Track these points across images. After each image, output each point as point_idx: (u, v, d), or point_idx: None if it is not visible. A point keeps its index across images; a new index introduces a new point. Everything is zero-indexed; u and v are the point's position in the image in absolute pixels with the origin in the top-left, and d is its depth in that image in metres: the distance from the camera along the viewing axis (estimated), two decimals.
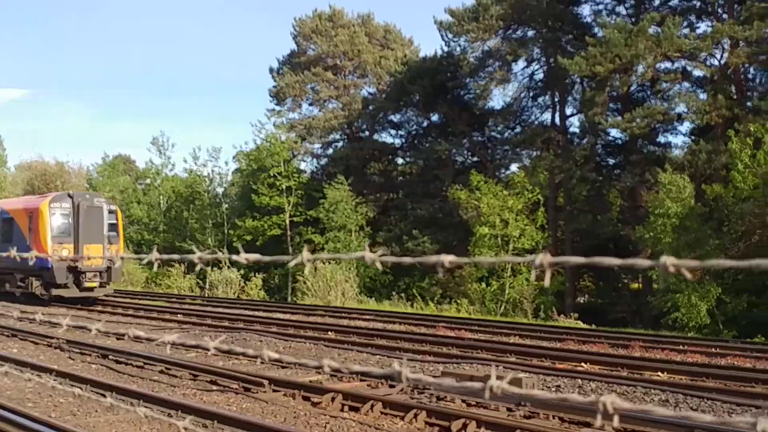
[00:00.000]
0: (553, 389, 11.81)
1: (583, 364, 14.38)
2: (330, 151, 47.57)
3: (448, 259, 1.92)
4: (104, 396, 10.59)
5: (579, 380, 12.19)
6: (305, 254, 2.27)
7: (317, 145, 47.52)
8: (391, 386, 11.15)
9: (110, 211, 26.09)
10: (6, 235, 26.80)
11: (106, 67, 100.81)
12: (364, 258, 2.08)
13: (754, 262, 1.46)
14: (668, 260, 1.47)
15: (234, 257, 2.53)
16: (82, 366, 13.62)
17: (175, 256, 3.08)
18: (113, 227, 26.15)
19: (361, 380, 11.66)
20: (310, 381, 11.41)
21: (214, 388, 11.47)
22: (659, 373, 13.31)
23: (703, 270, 25.32)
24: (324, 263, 30.74)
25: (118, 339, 16.18)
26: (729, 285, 25.22)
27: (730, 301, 25.14)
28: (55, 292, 25.18)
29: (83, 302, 25.86)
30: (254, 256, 2.48)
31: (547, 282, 1.75)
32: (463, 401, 10.26)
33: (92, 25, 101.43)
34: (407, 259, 2.18)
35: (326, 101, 46.53)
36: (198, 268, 2.59)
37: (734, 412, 10.22)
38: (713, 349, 16.87)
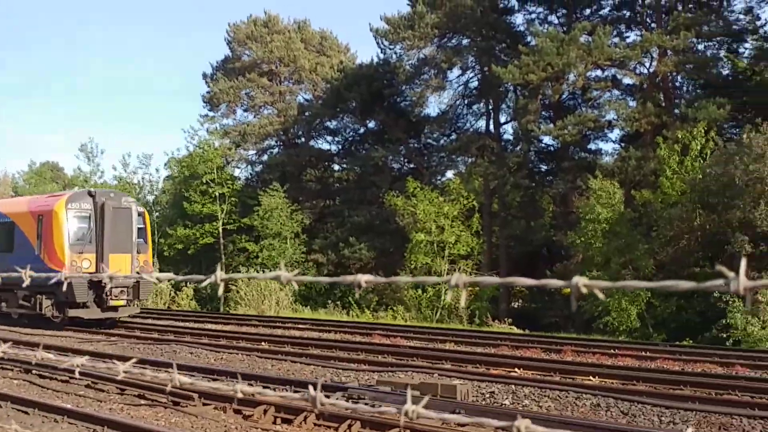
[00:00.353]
0: (488, 395, 11.89)
1: (516, 369, 14.54)
2: (265, 157, 47.12)
3: (364, 278, 1.90)
4: (26, 413, 10.24)
5: (513, 386, 12.30)
6: (218, 273, 2.20)
7: (252, 152, 47.08)
8: (326, 396, 11.02)
9: (139, 214, 22.27)
10: (4, 243, 22.71)
11: (32, 71, 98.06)
12: (280, 278, 2.02)
13: (666, 283, 1.45)
14: (580, 281, 1.47)
15: (145, 277, 2.44)
16: (3, 381, 13.13)
17: (87, 275, 2.95)
18: (142, 233, 22.29)
19: (295, 390, 11.51)
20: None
21: (143, 402, 11.19)
22: (591, 378, 13.55)
23: (631, 275, 25.91)
24: (258, 271, 30.39)
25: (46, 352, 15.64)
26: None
27: (660, 304, 25.72)
28: (71, 312, 21.13)
29: (103, 325, 22.19)
30: (166, 275, 2.40)
31: (462, 302, 1.71)
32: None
33: (22, 26, 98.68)
34: (324, 279, 2.16)
35: (261, 107, 46.12)
36: (109, 288, 2.48)
37: (663, 416, 10.43)
38: (643, 353, 17.27)
